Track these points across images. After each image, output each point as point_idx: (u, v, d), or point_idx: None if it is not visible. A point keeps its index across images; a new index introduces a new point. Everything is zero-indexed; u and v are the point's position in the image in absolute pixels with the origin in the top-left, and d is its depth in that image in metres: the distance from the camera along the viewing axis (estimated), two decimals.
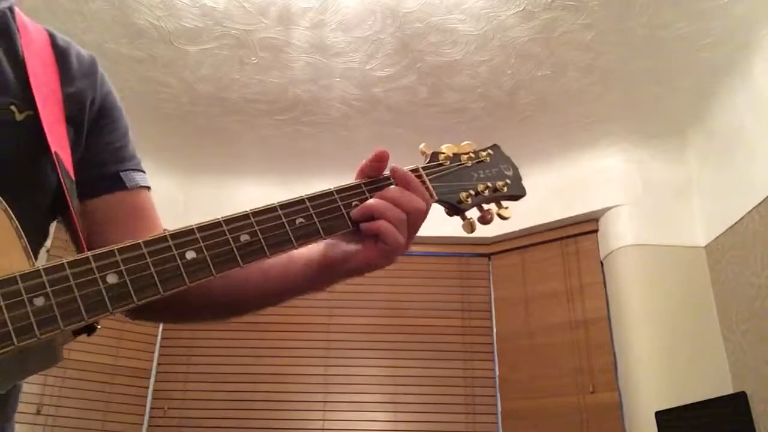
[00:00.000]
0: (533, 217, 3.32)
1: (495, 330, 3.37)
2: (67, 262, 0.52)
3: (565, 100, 2.85)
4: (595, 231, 3.24)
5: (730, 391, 2.59)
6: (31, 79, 0.64)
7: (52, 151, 0.62)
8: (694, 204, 3.06)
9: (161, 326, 3.38)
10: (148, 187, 0.79)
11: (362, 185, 0.71)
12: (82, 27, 2.40)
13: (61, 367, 2.99)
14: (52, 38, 0.72)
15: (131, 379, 3.21)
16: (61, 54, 0.71)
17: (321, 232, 0.66)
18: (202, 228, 0.59)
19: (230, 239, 0.60)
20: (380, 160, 0.71)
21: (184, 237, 0.58)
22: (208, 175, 3.49)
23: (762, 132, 2.50)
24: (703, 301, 2.85)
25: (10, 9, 0.68)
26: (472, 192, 0.79)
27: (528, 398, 3.13)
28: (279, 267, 0.71)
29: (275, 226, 0.63)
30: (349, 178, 0.74)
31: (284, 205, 0.65)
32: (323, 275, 0.70)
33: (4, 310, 0.48)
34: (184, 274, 0.56)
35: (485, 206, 0.82)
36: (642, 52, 2.52)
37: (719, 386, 2.63)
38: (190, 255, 0.57)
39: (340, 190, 0.69)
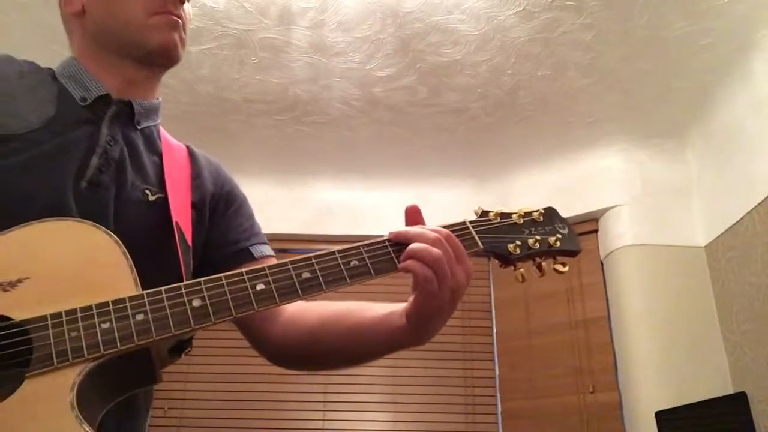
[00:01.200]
0: None
1: (495, 330, 3.37)
2: (165, 289, 0.68)
3: (565, 100, 2.85)
4: (595, 231, 3.24)
5: (730, 391, 2.59)
6: (166, 174, 0.88)
7: (174, 221, 0.83)
8: (694, 204, 3.06)
9: None
10: (275, 257, 0.96)
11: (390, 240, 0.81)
12: None
13: None
14: (189, 148, 1.00)
15: None
16: (193, 157, 0.98)
17: (372, 272, 0.76)
18: (272, 267, 0.73)
19: (293, 275, 0.73)
20: (413, 213, 0.81)
21: (256, 273, 0.72)
22: None
23: (762, 132, 2.50)
24: (703, 301, 2.85)
25: (156, 127, 0.96)
26: (520, 243, 0.86)
27: (528, 398, 3.13)
28: (371, 324, 0.85)
29: (332, 266, 0.75)
30: (349, 178, 0.77)
31: (342, 251, 0.76)
32: (411, 324, 0.81)
33: (114, 321, 0.64)
34: (253, 302, 0.70)
35: (538, 260, 0.88)
36: (642, 52, 2.52)
37: (719, 386, 2.63)
38: (260, 287, 0.71)
39: (392, 243, 0.79)
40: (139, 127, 0.91)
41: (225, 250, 0.95)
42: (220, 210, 0.97)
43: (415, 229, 0.77)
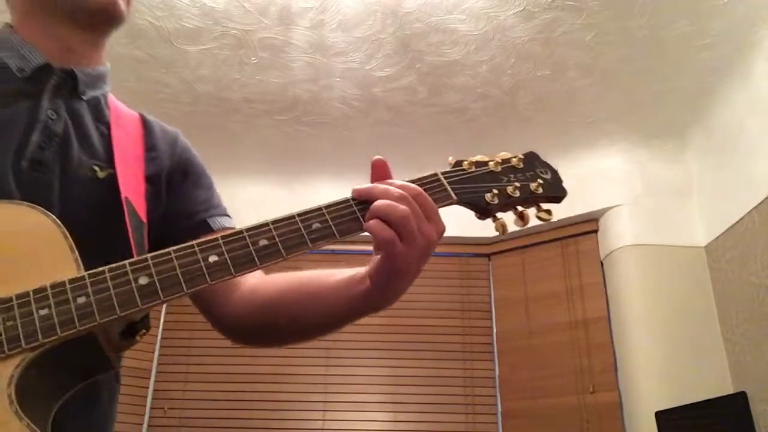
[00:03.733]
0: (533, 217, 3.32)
1: (495, 330, 3.37)
2: (108, 268, 0.63)
3: (565, 100, 2.85)
4: (595, 231, 3.24)
5: (730, 391, 2.59)
6: (114, 147, 0.82)
7: (123, 197, 0.77)
8: (694, 204, 3.06)
9: (161, 326, 3.38)
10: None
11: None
12: None
13: None
14: (142, 117, 0.92)
15: (131, 379, 3.21)
16: (147, 128, 0.91)
17: (336, 234, 0.70)
18: (226, 236, 0.67)
19: (249, 243, 0.67)
20: (379, 168, 0.75)
21: (209, 243, 0.66)
22: None
23: (762, 132, 2.50)
24: (703, 301, 2.85)
25: (104, 95, 0.88)
26: (497, 192, 0.79)
27: (528, 398, 3.13)
28: (332, 289, 0.79)
29: (292, 231, 0.69)
30: (348, 178, 0.75)
31: (301, 213, 0.71)
32: (374, 286, 0.75)
33: (53, 306, 0.60)
34: (206, 274, 0.65)
35: (520, 208, 0.82)
36: (642, 52, 2.52)
37: (719, 386, 2.63)
38: (213, 258, 0.66)
39: (357, 201, 0.73)
40: (84, 98, 0.84)
41: (181, 223, 0.89)
42: (177, 181, 0.91)
43: (381, 186, 0.71)
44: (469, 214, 0.82)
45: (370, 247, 0.72)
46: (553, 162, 0.89)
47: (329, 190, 3.52)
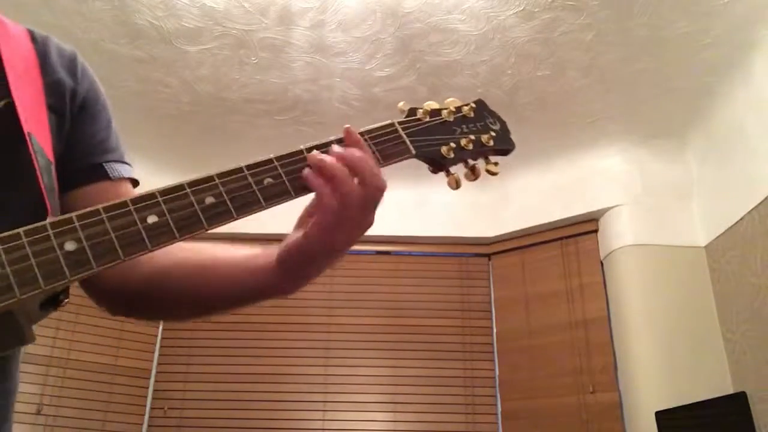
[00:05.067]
0: (533, 217, 3.33)
1: (495, 330, 3.37)
2: (23, 231, 0.52)
3: (565, 100, 2.85)
4: (595, 231, 3.24)
5: (730, 391, 2.59)
6: (8, 71, 0.67)
7: (25, 132, 0.64)
8: (694, 204, 3.06)
9: (161, 326, 3.38)
10: (134, 180, 0.79)
11: (332, 142, 0.69)
12: (82, 27, 2.39)
13: (61, 367, 2.99)
14: (31, 33, 0.76)
15: (131, 379, 3.21)
16: (41, 46, 0.75)
17: (291, 191, 0.63)
18: (165, 192, 0.58)
19: (194, 201, 0.58)
20: (347, 137, 0.69)
21: (145, 201, 0.56)
22: None
23: (762, 132, 2.50)
24: (703, 301, 2.85)
25: None
26: (454, 145, 0.76)
27: (528, 398, 3.13)
28: (234, 259, 0.71)
29: (242, 187, 0.61)
30: None
31: (251, 166, 0.63)
32: (285, 261, 0.67)
33: None
34: (146, 239, 0.55)
35: (471, 162, 0.79)
36: (642, 52, 2.52)
37: (719, 386, 2.63)
38: (152, 219, 0.56)
39: (310, 149, 0.66)
40: None
41: (73, 165, 0.74)
42: (75, 112, 0.75)
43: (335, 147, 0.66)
44: (469, 215, 0.81)
45: (370, 248, 0.69)
46: (553, 162, 0.89)
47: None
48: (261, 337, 3.32)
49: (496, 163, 0.81)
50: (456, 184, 0.76)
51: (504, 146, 0.82)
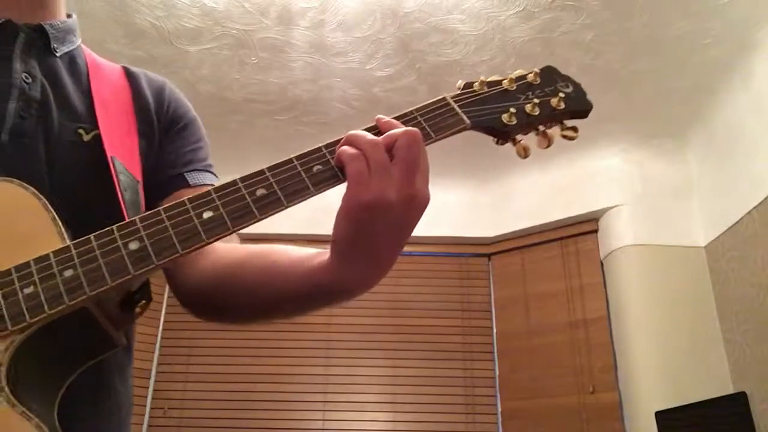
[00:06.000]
0: (533, 217, 3.33)
1: (495, 330, 3.37)
2: (93, 236, 0.58)
3: None
4: (595, 231, 3.24)
5: (730, 391, 2.59)
6: (97, 106, 0.75)
7: (108, 156, 0.71)
8: (694, 204, 3.06)
9: (161, 326, 3.38)
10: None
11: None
12: (82, 27, 2.39)
13: None
14: (126, 69, 0.85)
15: (131, 379, 3.21)
16: (133, 78, 0.84)
17: (341, 174, 0.63)
18: (219, 188, 0.61)
19: (246, 194, 0.61)
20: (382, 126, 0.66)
21: (201, 199, 0.60)
22: None
23: (762, 132, 2.50)
24: (703, 301, 2.86)
25: (78, 48, 0.82)
26: (515, 111, 0.71)
27: (528, 398, 3.13)
28: (292, 261, 0.69)
29: (292, 176, 0.63)
30: None
31: (301, 156, 0.64)
32: (336, 246, 0.63)
33: (38, 283, 0.55)
34: (201, 232, 0.59)
35: (542, 128, 0.74)
36: (642, 52, 2.52)
37: (719, 386, 2.63)
38: (207, 214, 0.60)
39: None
40: (57, 55, 0.77)
41: (157, 177, 0.80)
42: (162, 132, 0.83)
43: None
44: (469, 215, 0.80)
45: None
46: (553, 162, 0.88)
47: (329, 189, 3.52)
48: (261, 337, 3.32)
49: (573, 128, 0.75)
50: (524, 152, 0.71)
51: (580, 107, 0.76)
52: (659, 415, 2.58)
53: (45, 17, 0.78)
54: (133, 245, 0.57)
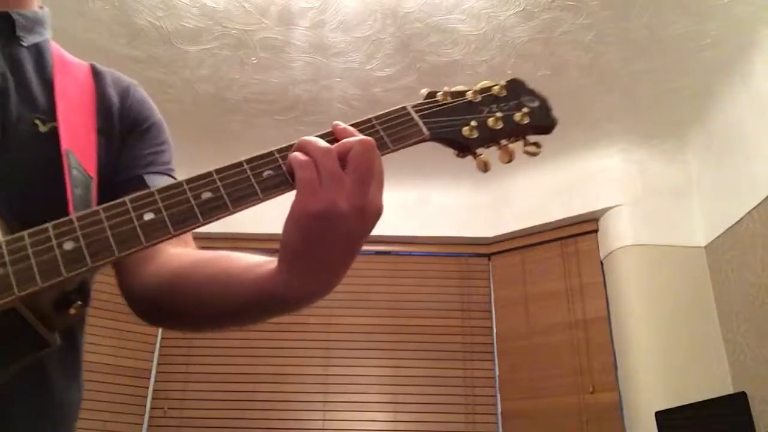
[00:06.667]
0: (533, 217, 3.33)
1: (495, 330, 3.37)
2: (27, 233, 0.54)
3: (564, 100, 2.84)
4: (595, 231, 3.24)
5: (730, 391, 2.59)
6: (57, 99, 0.73)
7: (63, 149, 0.69)
8: (694, 204, 3.06)
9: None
10: None
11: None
12: (82, 27, 2.40)
13: None
14: (93, 67, 0.85)
15: (131, 379, 3.21)
16: (99, 77, 0.83)
17: (291, 181, 0.60)
18: (163, 189, 0.58)
19: (190, 197, 0.58)
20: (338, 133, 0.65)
21: (143, 199, 0.57)
22: None
23: (762, 132, 2.50)
24: (703, 301, 2.86)
25: (46, 41, 0.82)
26: (477, 124, 0.70)
27: (528, 398, 3.13)
28: (241, 268, 0.68)
29: (240, 180, 0.60)
30: None
31: (251, 160, 0.61)
32: (282, 251, 0.62)
33: None
34: (140, 235, 0.56)
35: (504, 142, 0.72)
36: (642, 52, 2.52)
37: (719, 386, 2.63)
38: (148, 216, 0.57)
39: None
40: (24, 44, 0.76)
41: (116, 177, 0.79)
42: (124, 132, 0.82)
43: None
44: (469, 215, 0.79)
45: (370, 248, 0.65)
46: (553, 162, 0.87)
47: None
48: (261, 337, 3.32)
49: (536, 143, 0.74)
50: (484, 167, 0.70)
51: (543, 122, 0.75)
52: (659, 415, 2.58)
53: (14, 5, 0.77)
54: (68, 245, 0.54)
